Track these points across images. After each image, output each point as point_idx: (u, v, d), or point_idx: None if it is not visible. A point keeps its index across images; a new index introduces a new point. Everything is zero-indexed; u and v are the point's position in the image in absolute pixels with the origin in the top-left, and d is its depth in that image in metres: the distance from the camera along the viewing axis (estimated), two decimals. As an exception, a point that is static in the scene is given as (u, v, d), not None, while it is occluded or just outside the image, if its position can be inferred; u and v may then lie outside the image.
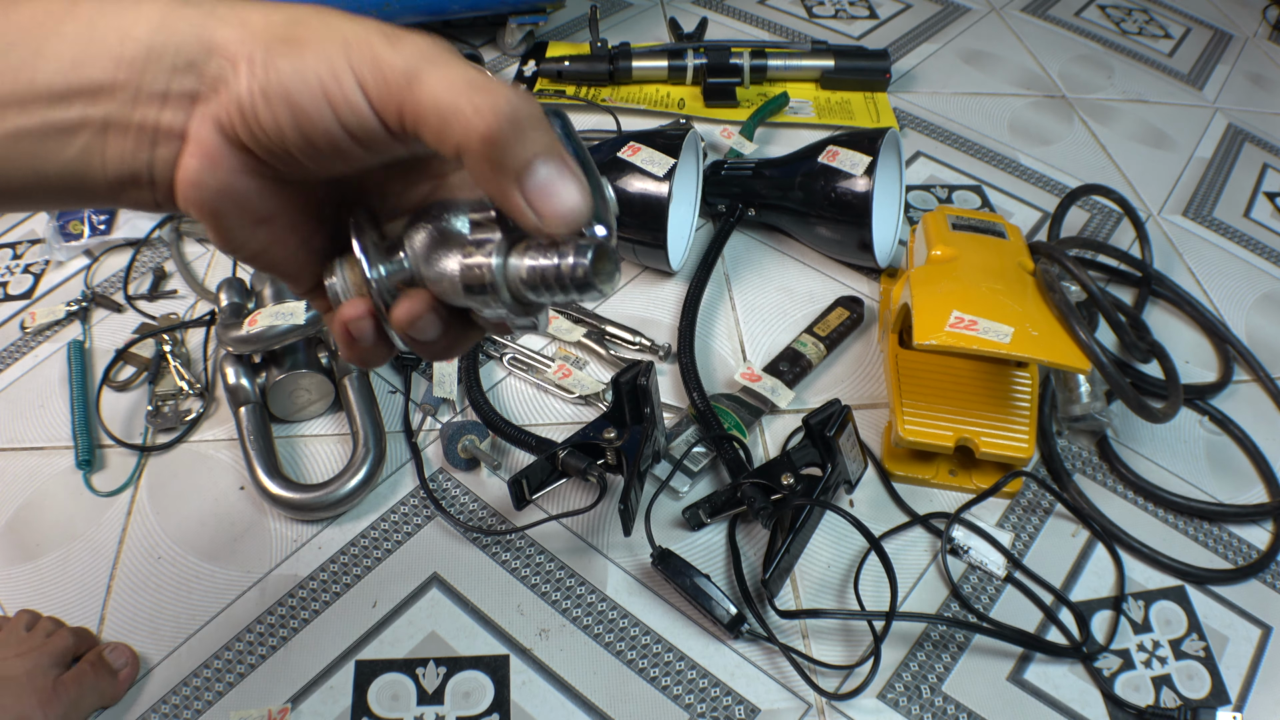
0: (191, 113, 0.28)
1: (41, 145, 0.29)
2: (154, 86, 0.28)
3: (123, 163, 0.29)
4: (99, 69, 0.28)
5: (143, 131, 0.29)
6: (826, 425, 0.64)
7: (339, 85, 0.27)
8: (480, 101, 0.26)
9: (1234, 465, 0.76)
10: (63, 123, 0.28)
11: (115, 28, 0.28)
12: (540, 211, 0.28)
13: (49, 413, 0.76)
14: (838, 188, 0.83)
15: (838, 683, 0.61)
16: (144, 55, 0.28)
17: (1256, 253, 0.97)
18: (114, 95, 0.28)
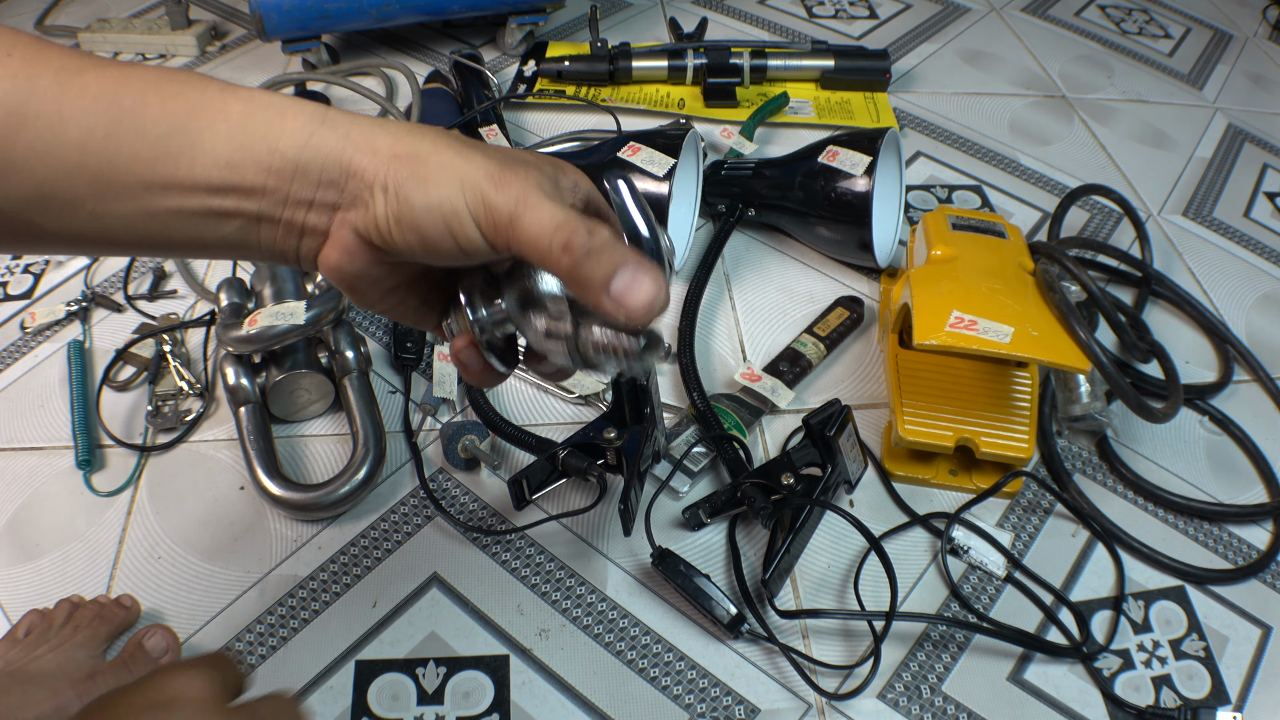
0: (333, 218, 0.36)
1: (202, 223, 0.35)
2: (301, 195, 0.35)
3: (274, 244, 0.37)
4: (251, 174, 0.34)
5: (290, 226, 0.36)
6: (826, 425, 0.64)
7: (458, 220, 0.34)
8: (564, 241, 0.34)
9: (1234, 465, 0.76)
10: (220, 209, 0.35)
11: (264, 138, 0.35)
12: (627, 311, 0.35)
13: (49, 413, 0.76)
14: (838, 188, 0.83)
15: (838, 683, 0.61)
16: (291, 169, 0.35)
17: (1256, 253, 0.97)
18: (265, 197, 0.35)
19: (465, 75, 1.07)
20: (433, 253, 0.35)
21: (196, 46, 1.18)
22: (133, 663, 0.58)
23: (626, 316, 0.34)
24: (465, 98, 1.05)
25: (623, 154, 0.83)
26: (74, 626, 0.59)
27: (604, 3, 1.29)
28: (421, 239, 0.35)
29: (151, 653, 0.59)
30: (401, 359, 0.78)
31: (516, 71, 1.13)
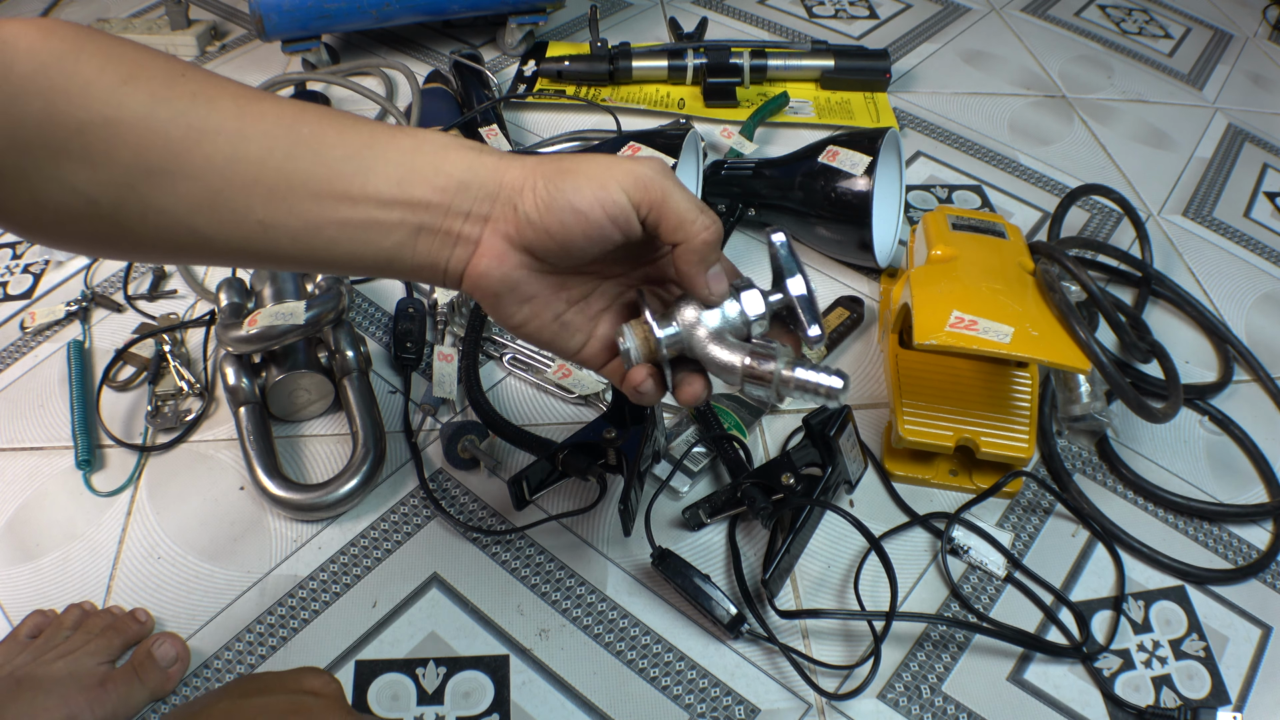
0: (485, 228, 0.41)
1: (365, 234, 0.40)
2: (461, 208, 0.40)
3: (429, 255, 0.41)
4: (419, 191, 0.40)
5: (448, 236, 0.41)
6: (826, 425, 0.64)
7: (609, 194, 0.40)
8: (706, 220, 0.42)
9: (1234, 465, 0.76)
10: (385, 221, 0.40)
11: (431, 163, 0.40)
12: (713, 290, 0.44)
13: (49, 413, 0.76)
14: (838, 188, 0.83)
15: (838, 683, 0.61)
16: (455, 186, 0.40)
17: (1256, 253, 0.97)
18: (430, 210, 0.40)
19: (465, 75, 1.07)
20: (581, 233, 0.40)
21: (196, 46, 1.18)
22: (142, 671, 0.58)
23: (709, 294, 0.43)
24: (465, 98, 1.05)
25: (623, 154, 0.83)
26: (85, 634, 0.59)
27: (604, 3, 1.29)
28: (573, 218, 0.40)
29: (160, 661, 0.59)
30: (401, 359, 0.78)
31: (516, 71, 1.13)
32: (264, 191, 0.37)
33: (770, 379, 0.44)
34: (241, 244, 0.38)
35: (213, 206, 0.37)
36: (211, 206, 0.37)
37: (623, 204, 0.40)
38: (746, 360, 0.44)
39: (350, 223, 0.39)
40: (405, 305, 0.82)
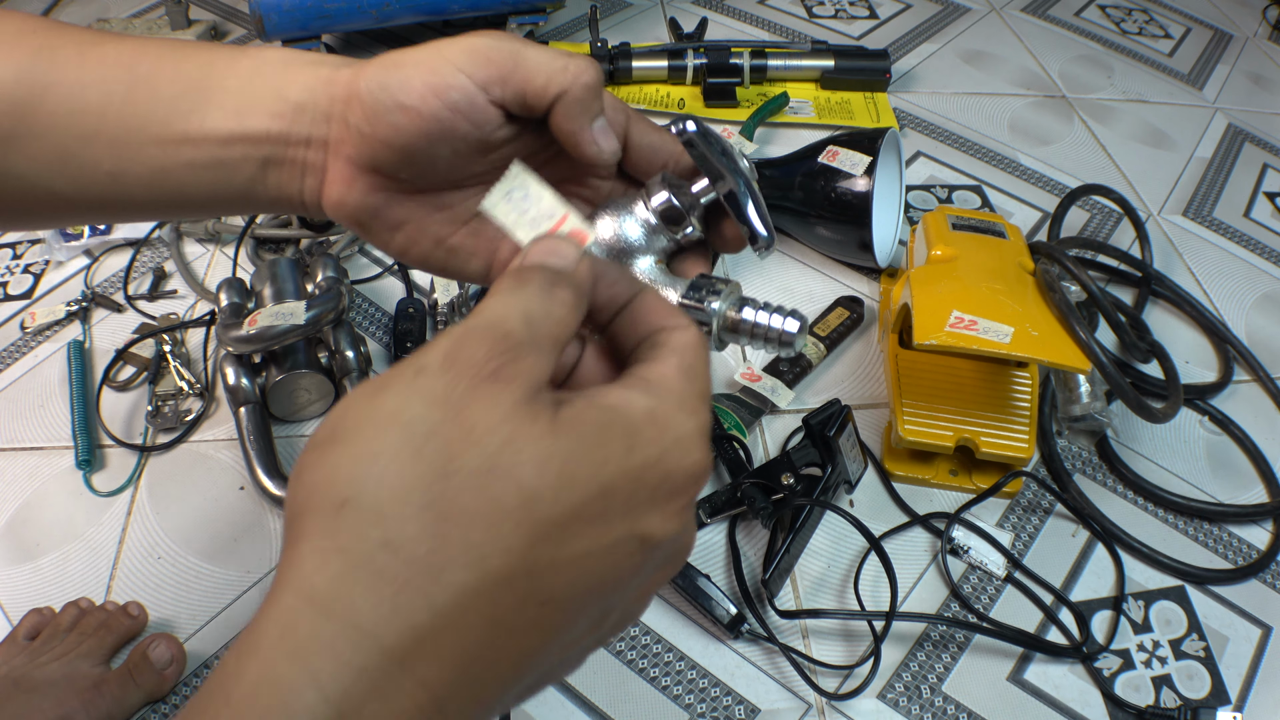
0: (328, 152, 0.36)
1: (215, 174, 0.36)
2: (300, 134, 0.36)
3: (280, 189, 0.37)
4: (257, 121, 0.35)
5: (294, 166, 0.37)
6: (826, 425, 0.64)
7: (441, 78, 0.33)
8: (576, 64, 0.34)
9: (1234, 465, 0.76)
10: (229, 159, 0.36)
11: (272, 88, 0.36)
12: (603, 147, 0.36)
13: (49, 413, 0.76)
14: (838, 188, 0.83)
15: (838, 683, 0.61)
16: (292, 110, 0.36)
17: (1256, 253, 0.97)
18: (271, 141, 0.36)
19: (465, 75, 1.07)
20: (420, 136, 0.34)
21: (196, 46, 1.18)
22: (137, 672, 0.58)
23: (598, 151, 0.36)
24: (465, 98, 1.05)
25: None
26: (79, 634, 0.59)
27: (604, 3, 1.29)
28: (403, 118, 0.33)
29: (156, 663, 0.59)
30: (401, 359, 0.78)
31: (516, 71, 1.13)
32: (107, 142, 0.35)
33: (708, 327, 0.36)
34: (98, 198, 0.36)
35: (63, 163, 0.35)
36: (62, 164, 0.35)
37: (461, 85, 0.33)
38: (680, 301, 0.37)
39: (196, 164, 0.36)
40: (405, 305, 0.82)
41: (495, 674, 0.25)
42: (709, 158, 0.37)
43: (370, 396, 0.26)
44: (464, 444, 0.24)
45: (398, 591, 0.23)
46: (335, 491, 0.24)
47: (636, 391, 0.28)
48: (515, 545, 0.24)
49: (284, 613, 0.23)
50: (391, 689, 0.23)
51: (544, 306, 0.28)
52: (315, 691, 0.22)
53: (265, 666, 0.23)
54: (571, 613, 0.26)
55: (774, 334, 0.36)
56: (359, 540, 0.23)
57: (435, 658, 0.23)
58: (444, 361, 0.25)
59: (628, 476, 0.26)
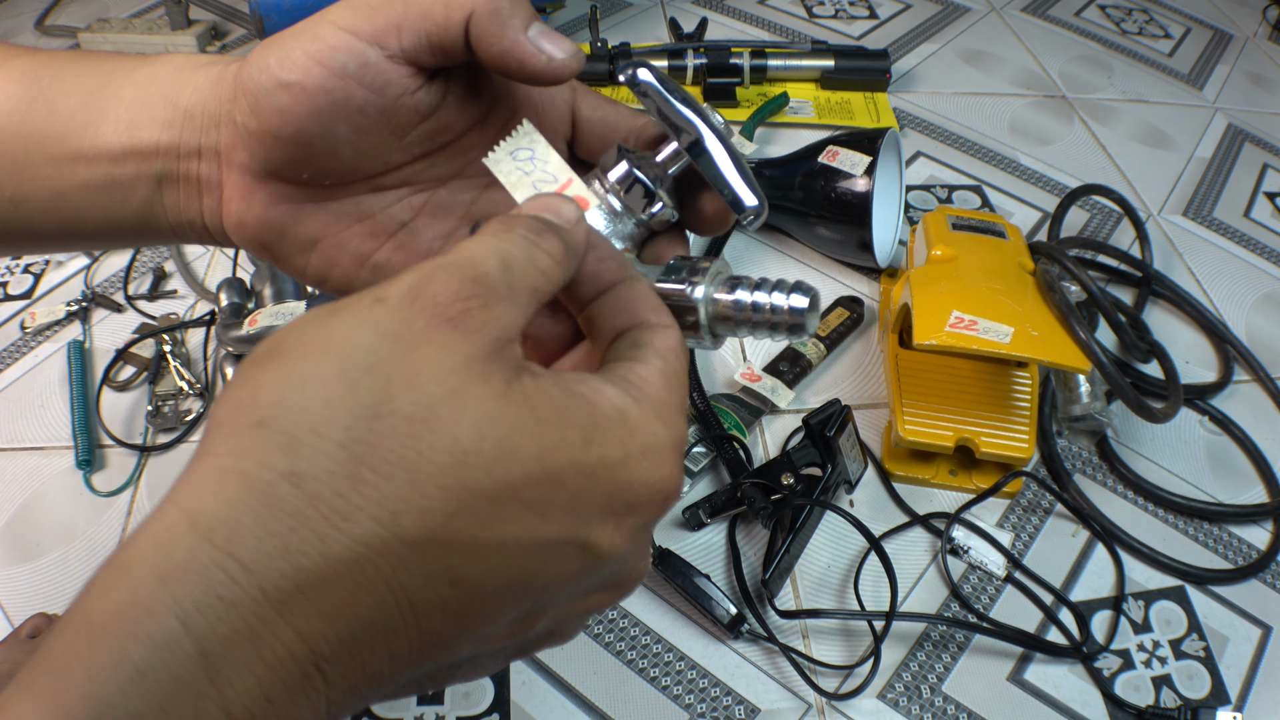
0: (221, 162, 0.32)
1: (109, 196, 0.32)
2: (190, 145, 0.32)
3: (179, 212, 0.33)
4: (147, 132, 0.31)
5: (189, 184, 0.32)
6: (826, 425, 0.64)
7: (322, 43, 0.29)
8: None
9: (1234, 465, 0.76)
10: (122, 178, 0.32)
11: (164, 95, 0.32)
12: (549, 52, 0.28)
13: (49, 413, 0.76)
14: (838, 188, 0.83)
15: (838, 683, 0.61)
16: (182, 118, 0.31)
17: (1256, 253, 0.97)
18: (162, 155, 0.32)
19: (465, 75, 1.07)
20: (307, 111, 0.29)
21: (196, 46, 1.18)
22: None
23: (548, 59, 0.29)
24: (465, 98, 1.05)
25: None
26: None
27: (604, 3, 1.29)
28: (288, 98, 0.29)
29: None
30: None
31: (516, 71, 1.13)
32: (8, 163, 0.32)
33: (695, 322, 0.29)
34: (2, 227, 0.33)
35: None
36: None
37: (347, 44, 0.28)
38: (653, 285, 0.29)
39: (90, 185, 0.32)
40: (405, 305, 0.82)
41: (388, 647, 0.22)
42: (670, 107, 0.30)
43: (320, 319, 0.23)
44: (404, 386, 0.22)
45: (291, 529, 0.21)
46: (255, 411, 0.22)
47: (612, 387, 0.25)
48: (434, 508, 0.21)
49: (164, 530, 0.21)
50: (265, 634, 0.20)
51: (527, 252, 0.25)
52: (177, 621, 0.20)
53: (132, 588, 0.21)
54: (486, 604, 0.23)
55: (780, 315, 0.29)
56: (263, 467, 0.21)
57: (319, 612, 0.21)
58: (406, 294, 0.23)
59: (579, 470, 0.23)
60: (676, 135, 0.31)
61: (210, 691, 0.20)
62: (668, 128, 0.31)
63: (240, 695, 0.20)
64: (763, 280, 0.29)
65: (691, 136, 0.30)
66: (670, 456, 0.25)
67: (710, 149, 0.30)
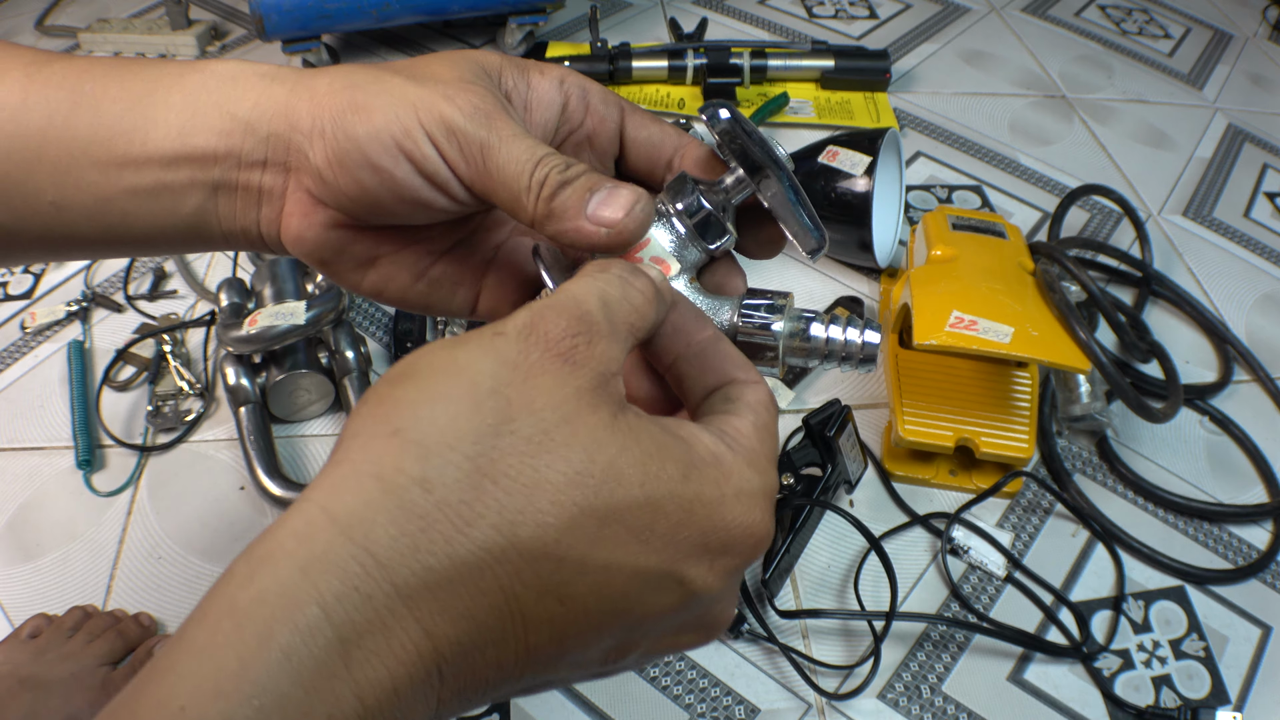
0: (287, 178, 0.32)
1: (159, 202, 0.33)
2: (254, 156, 0.32)
3: (234, 220, 0.33)
4: (203, 140, 0.32)
5: (248, 193, 0.33)
6: (826, 425, 0.64)
7: (417, 146, 0.30)
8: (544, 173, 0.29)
9: (1234, 465, 0.76)
10: (175, 183, 0.32)
11: (217, 104, 0.32)
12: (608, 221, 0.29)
13: (49, 413, 0.76)
14: (838, 188, 0.83)
15: (838, 683, 0.61)
16: (242, 129, 0.32)
17: (1256, 253, 0.97)
18: (219, 162, 0.32)
19: (465, 75, 1.07)
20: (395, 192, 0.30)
21: (196, 46, 1.18)
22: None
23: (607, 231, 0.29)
24: (465, 98, 1.05)
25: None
26: (88, 635, 0.59)
27: (604, 3, 1.29)
28: (376, 176, 0.30)
29: None
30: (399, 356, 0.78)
31: (516, 71, 1.13)
32: (49, 168, 0.32)
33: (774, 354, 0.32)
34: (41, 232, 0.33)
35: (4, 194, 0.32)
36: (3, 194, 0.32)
37: (434, 159, 0.30)
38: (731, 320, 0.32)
39: (139, 190, 0.32)
40: (405, 305, 0.82)
41: (497, 657, 0.24)
42: (749, 148, 0.32)
43: (448, 347, 0.25)
44: (523, 409, 0.24)
45: (421, 530, 0.22)
46: (390, 423, 0.24)
47: (708, 434, 0.27)
48: (549, 521, 0.23)
49: (305, 525, 0.23)
50: (395, 628, 0.22)
51: (622, 291, 0.28)
52: (319, 609, 0.21)
53: (276, 577, 0.22)
54: (589, 626, 0.25)
55: (853, 349, 0.32)
56: (398, 472, 0.23)
57: (443, 611, 0.22)
58: (523, 329, 0.25)
59: (678, 503, 0.25)
60: (751, 175, 0.32)
61: (346, 677, 0.21)
62: (744, 166, 0.32)
63: (371, 684, 0.22)
64: (833, 315, 0.32)
65: (769, 181, 0.32)
66: (763, 503, 0.27)
67: (783, 190, 0.32)
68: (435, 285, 0.35)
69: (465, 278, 0.36)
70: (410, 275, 0.35)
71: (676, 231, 0.32)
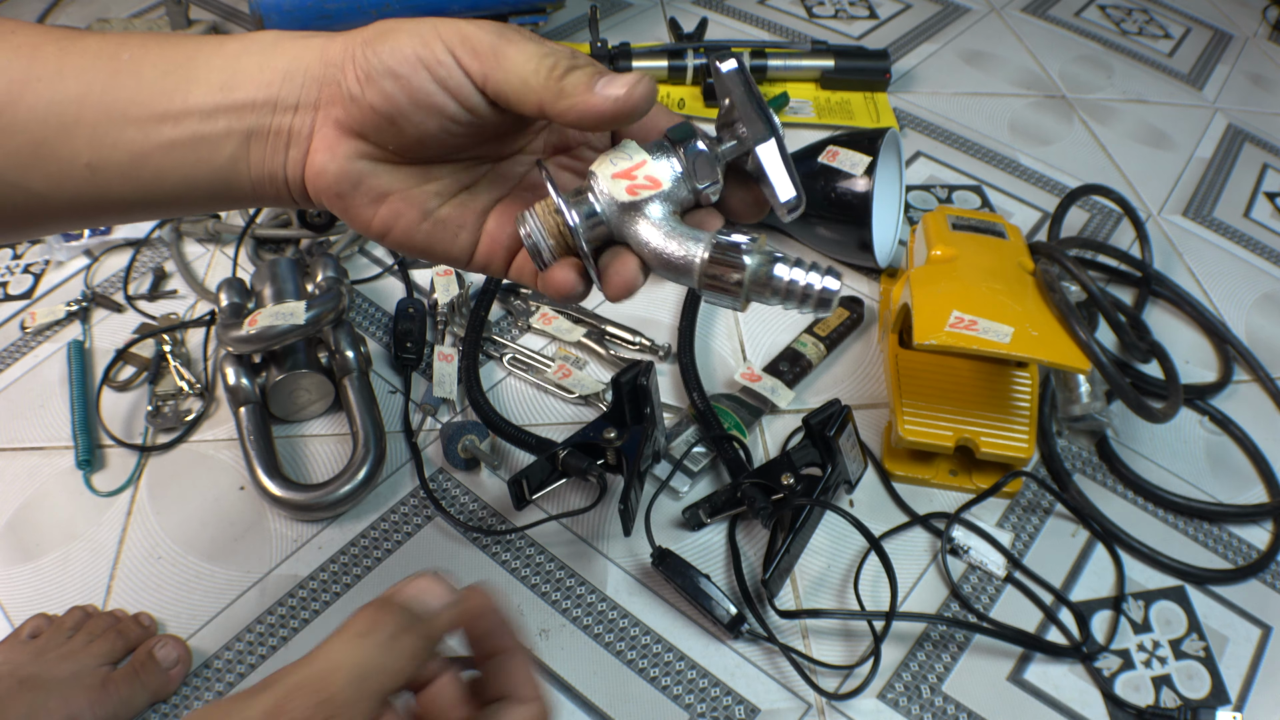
0: (316, 117, 0.35)
1: (193, 154, 0.35)
2: (288, 100, 0.35)
3: (263, 165, 0.36)
4: (243, 92, 0.35)
5: (279, 136, 0.35)
6: (826, 425, 0.64)
7: (433, 54, 0.33)
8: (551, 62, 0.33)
9: (1234, 465, 0.76)
10: (211, 134, 0.35)
11: (257, 62, 0.35)
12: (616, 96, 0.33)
13: (49, 413, 0.76)
14: (838, 188, 0.83)
15: (838, 683, 0.61)
16: (281, 77, 0.35)
17: (1256, 253, 0.97)
18: (256, 109, 0.35)
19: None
20: (410, 103, 0.34)
21: (196, 46, 1.18)
22: (144, 672, 0.58)
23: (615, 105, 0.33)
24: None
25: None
26: (88, 635, 0.59)
27: (604, 3, 1.29)
28: (398, 84, 0.33)
29: (162, 663, 0.59)
30: (401, 359, 0.78)
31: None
32: (87, 131, 0.34)
33: (739, 281, 0.34)
34: (73, 196, 0.36)
35: (40, 159, 0.34)
36: (39, 159, 0.34)
37: (449, 64, 0.33)
38: (705, 255, 0.34)
39: (176, 144, 0.35)
40: (405, 305, 0.82)
41: None
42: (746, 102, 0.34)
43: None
44: None
45: None
46: None
47: None
48: None
49: None
50: None
51: (381, 660, 0.31)
52: None
53: None
54: None
55: (813, 292, 0.33)
56: None
57: None
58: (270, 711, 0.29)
59: None
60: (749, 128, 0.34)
61: None
62: (743, 118, 0.35)
63: None
64: (799, 259, 0.34)
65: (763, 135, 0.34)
66: None
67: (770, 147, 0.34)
68: (440, 226, 0.38)
69: (468, 222, 0.38)
70: (418, 213, 0.37)
71: (671, 165, 0.35)
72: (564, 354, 0.80)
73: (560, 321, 0.81)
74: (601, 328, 0.81)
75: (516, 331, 0.82)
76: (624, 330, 0.81)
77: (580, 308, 0.83)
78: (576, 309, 0.83)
